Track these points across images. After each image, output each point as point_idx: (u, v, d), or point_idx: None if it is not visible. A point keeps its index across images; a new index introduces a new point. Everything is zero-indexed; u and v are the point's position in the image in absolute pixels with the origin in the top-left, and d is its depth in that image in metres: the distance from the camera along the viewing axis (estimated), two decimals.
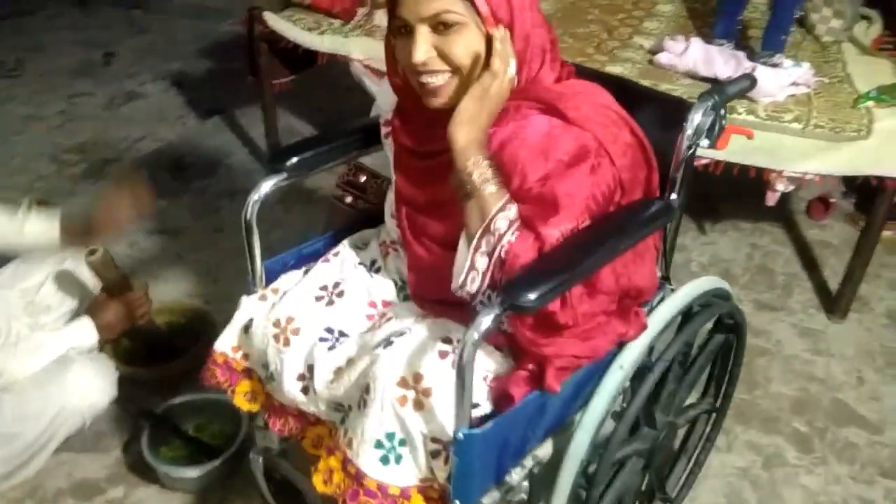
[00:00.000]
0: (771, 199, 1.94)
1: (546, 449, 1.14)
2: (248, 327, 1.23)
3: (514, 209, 0.97)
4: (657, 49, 2.14)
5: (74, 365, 1.45)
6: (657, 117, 1.16)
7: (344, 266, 1.27)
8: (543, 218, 0.95)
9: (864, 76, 2.02)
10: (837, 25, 2.22)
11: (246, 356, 1.26)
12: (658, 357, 1.16)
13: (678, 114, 1.12)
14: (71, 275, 1.63)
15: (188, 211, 2.54)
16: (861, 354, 1.97)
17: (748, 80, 1.19)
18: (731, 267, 2.30)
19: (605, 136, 1.00)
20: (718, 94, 1.11)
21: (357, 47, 2.27)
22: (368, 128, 1.29)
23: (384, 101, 1.23)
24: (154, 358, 1.81)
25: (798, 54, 2.15)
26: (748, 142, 1.51)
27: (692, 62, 2.01)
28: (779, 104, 1.89)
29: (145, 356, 1.82)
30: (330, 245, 1.35)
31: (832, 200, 2.50)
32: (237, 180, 2.73)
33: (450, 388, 0.96)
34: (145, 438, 1.59)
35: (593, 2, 2.58)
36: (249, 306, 1.25)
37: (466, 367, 0.90)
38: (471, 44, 0.98)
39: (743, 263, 2.31)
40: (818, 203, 2.51)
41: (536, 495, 1.13)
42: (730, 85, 1.16)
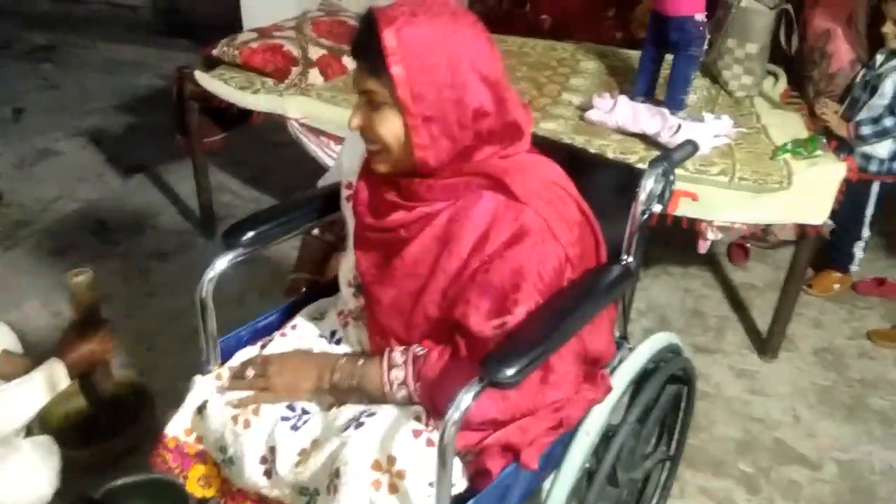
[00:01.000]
0: (703, 248, 2.02)
1: None
2: (203, 408, 1.17)
3: (395, 355, 1.07)
4: (587, 106, 2.22)
5: (19, 454, 1.33)
6: (609, 183, 1.20)
7: (304, 339, 1.24)
8: (500, 301, 0.98)
9: (778, 127, 2.17)
10: (749, 82, 2.38)
11: (200, 439, 1.20)
12: (622, 420, 1.18)
13: (630, 180, 1.16)
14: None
15: (116, 275, 2.43)
16: (795, 393, 2.06)
17: (691, 146, 1.25)
18: (667, 311, 2.37)
19: (549, 214, 1.01)
20: (668, 161, 1.16)
21: (293, 106, 2.26)
22: (327, 195, 1.28)
23: (348, 164, 1.22)
24: (87, 437, 1.70)
25: (715, 108, 2.29)
26: None
27: (621, 119, 2.09)
28: (704, 157, 1.99)
29: (79, 436, 1.70)
30: (285, 318, 1.31)
31: (748, 245, 2.63)
32: (167, 240, 2.64)
33: (424, 469, 0.95)
34: None
35: (521, 59, 2.67)
36: (204, 386, 1.19)
37: (447, 449, 0.88)
38: (392, 126, 1.00)
39: (678, 308, 2.39)
40: (737, 249, 2.64)
41: None
42: (676, 151, 1.22)
